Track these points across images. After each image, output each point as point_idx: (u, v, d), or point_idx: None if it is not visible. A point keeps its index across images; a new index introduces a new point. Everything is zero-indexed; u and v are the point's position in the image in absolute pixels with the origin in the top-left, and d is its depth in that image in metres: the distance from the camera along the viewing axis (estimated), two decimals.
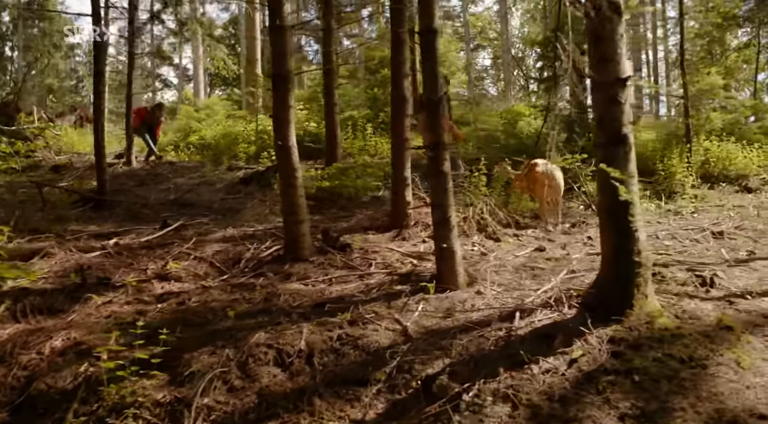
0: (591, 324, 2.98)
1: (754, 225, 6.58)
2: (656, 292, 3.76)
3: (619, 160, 3.15)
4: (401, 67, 6.05)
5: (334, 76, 9.28)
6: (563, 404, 2.53)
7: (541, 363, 2.77)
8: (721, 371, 2.72)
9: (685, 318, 3.15)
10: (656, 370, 2.70)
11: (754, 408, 2.46)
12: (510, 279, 3.99)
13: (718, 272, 4.33)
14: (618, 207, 3.11)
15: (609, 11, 3.21)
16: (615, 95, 3.17)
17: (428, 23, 3.81)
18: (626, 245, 3.10)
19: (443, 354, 2.89)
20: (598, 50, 3.23)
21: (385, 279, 4.01)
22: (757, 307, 3.51)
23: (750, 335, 3.07)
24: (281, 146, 4.45)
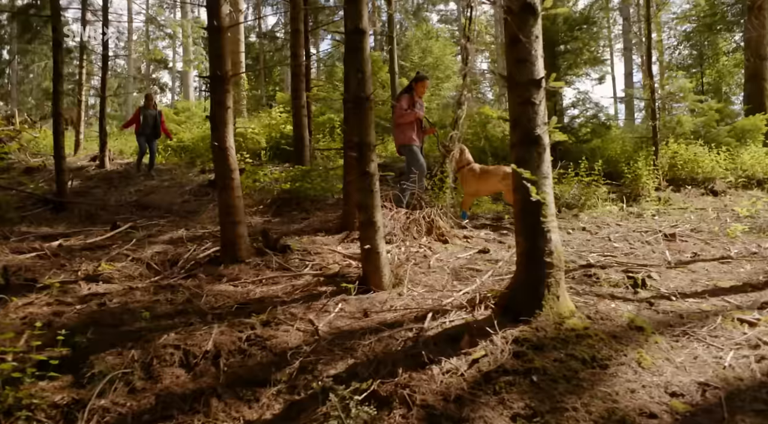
0: (498, 325, 2.97)
1: (710, 228, 6.59)
2: (585, 293, 3.79)
3: (533, 160, 3.15)
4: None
5: (302, 78, 9.26)
6: (458, 405, 2.52)
7: (443, 364, 2.76)
8: (621, 371, 2.72)
9: (598, 319, 3.15)
10: (556, 370, 2.69)
11: (644, 407, 2.46)
12: (439, 280, 3.98)
13: (653, 273, 4.34)
14: (530, 208, 3.11)
15: (525, 12, 3.21)
16: (529, 96, 3.17)
17: (356, 23, 3.80)
18: (538, 246, 3.09)
19: (348, 355, 2.87)
20: (514, 51, 3.24)
21: (312, 280, 4.00)
22: (677, 308, 3.52)
23: (659, 336, 3.08)
24: (218, 147, 4.43)
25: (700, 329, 3.16)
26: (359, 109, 3.74)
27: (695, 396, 2.55)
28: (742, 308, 3.52)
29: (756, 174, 9.29)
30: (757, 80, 13.61)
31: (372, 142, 3.73)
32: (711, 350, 2.95)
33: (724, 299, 3.75)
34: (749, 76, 13.92)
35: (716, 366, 2.78)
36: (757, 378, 2.68)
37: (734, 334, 3.11)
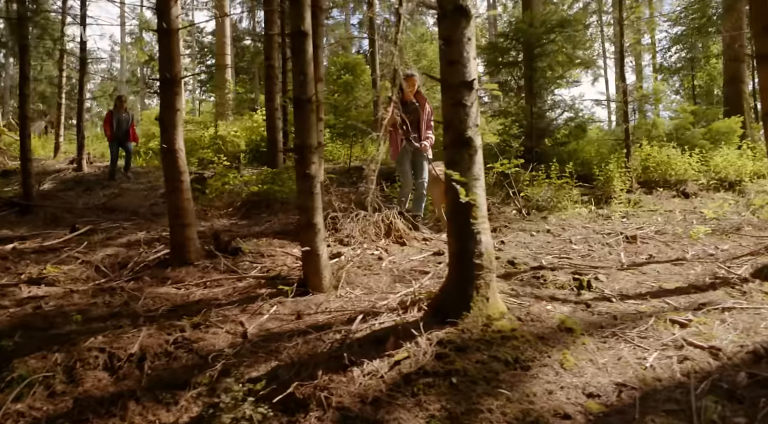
0: (425, 327, 2.97)
1: (675, 230, 6.62)
2: (525, 294, 3.79)
3: (464, 162, 3.15)
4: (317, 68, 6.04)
5: (275, 81, 9.25)
6: (375, 407, 2.51)
7: (364, 366, 2.76)
8: (542, 373, 2.72)
9: (528, 320, 3.15)
10: (476, 372, 2.69)
11: (560, 408, 2.46)
12: (381, 283, 3.98)
13: (600, 275, 4.35)
14: (460, 209, 3.11)
15: (457, 15, 3.22)
16: (461, 98, 3.18)
17: (299, 25, 3.81)
18: (467, 248, 3.10)
19: (273, 357, 2.87)
20: (446, 53, 3.24)
21: (253, 283, 3.99)
22: (614, 309, 3.53)
23: (588, 337, 3.08)
24: (167, 150, 4.42)
25: (631, 331, 3.17)
26: (300, 111, 3.74)
27: (611, 397, 2.55)
28: (679, 310, 3.53)
29: (728, 176, 9.33)
30: (735, 82, 13.71)
31: (313, 144, 3.72)
32: (637, 351, 2.95)
33: (665, 300, 3.76)
34: (728, 78, 14.02)
35: (637, 367, 2.78)
36: (676, 378, 2.68)
37: (664, 335, 3.12)
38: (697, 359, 2.84)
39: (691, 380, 2.66)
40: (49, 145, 17.13)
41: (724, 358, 2.86)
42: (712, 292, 3.96)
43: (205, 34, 30.29)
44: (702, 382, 2.63)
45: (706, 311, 3.47)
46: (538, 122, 11.23)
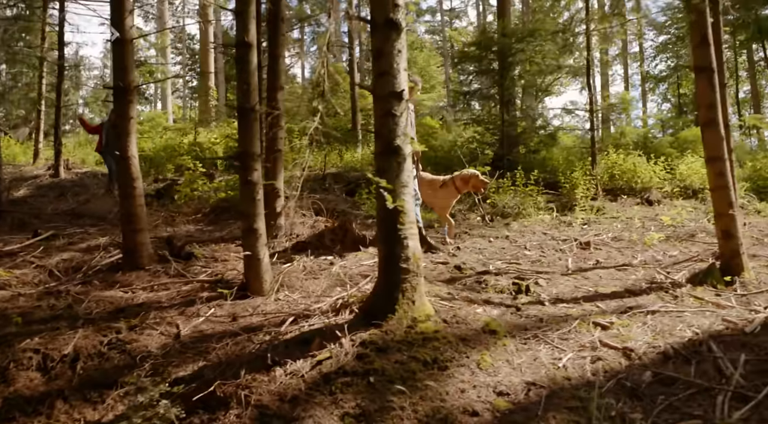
0: (351, 328, 3.08)
1: (630, 236, 6.78)
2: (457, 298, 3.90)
3: (392, 170, 3.27)
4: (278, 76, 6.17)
5: None
6: (293, 405, 2.61)
7: (288, 366, 2.86)
8: (459, 372, 2.83)
9: (453, 323, 3.26)
10: (394, 371, 2.79)
11: (469, 406, 2.57)
12: (322, 286, 4.08)
13: (541, 280, 4.48)
14: (388, 215, 3.22)
15: (387, 28, 3.35)
16: (390, 108, 3.30)
17: (242, 37, 3.92)
18: (394, 252, 3.21)
19: (201, 358, 2.96)
20: (377, 65, 3.36)
21: (197, 286, 4.08)
22: (543, 312, 3.65)
23: (510, 339, 3.20)
24: (120, 157, 4.52)
25: (553, 333, 3.29)
26: (244, 120, 3.85)
27: (520, 395, 2.66)
28: (606, 313, 3.66)
29: (692, 184, 9.53)
30: None
31: (255, 152, 3.83)
32: (554, 352, 3.07)
33: (596, 304, 3.89)
34: None
35: (551, 367, 2.90)
36: (586, 378, 2.80)
37: (583, 337, 3.24)
38: (610, 359, 2.97)
39: (599, 379, 2.78)
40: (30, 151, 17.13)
41: (635, 358, 2.99)
42: (645, 296, 4.10)
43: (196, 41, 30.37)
44: (609, 381, 2.75)
45: (632, 314, 3.60)
46: (510, 130, 11.41)
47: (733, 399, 2.56)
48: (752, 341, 3.06)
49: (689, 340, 3.13)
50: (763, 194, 8.96)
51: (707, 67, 4.70)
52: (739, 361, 2.84)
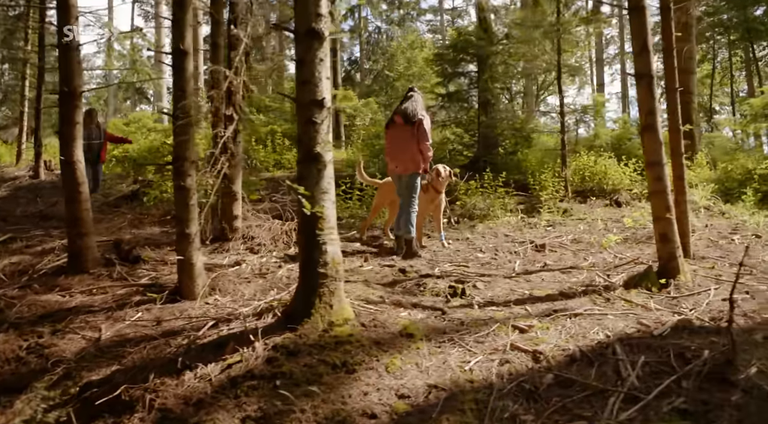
0: (266, 332, 3.15)
1: (589, 238, 6.84)
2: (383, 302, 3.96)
3: (312, 176, 3.34)
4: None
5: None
6: (197, 408, 2.67)
7: (198, 370, 2.92)
8: (366, 375, 2.90)
9: (371, 326, 3.33)
10: (301, 374, 2.86)
11: (368, 408, 2.63)
12: (258, 290, 4.15)
13: (480, 283, 4.54)
14: (307, 221, 3.29)
15: (309, 37, 3.41)
16: (311, 116, 3.36)
17: (177, 44, 3.98)
18: (313, 257, 3.28)
19: (116, 362, 3.02)
20: (300, 73, 3.43)
21: (132, 290, 4.15)
22: (469, 316, 3.71)
23: (426, 342, 3.26)
24: (65, 162, 4.58)
25: (471, 336, 3.35)
26: (178, 126, 3.91)
27: (420, 397, 2.73)
28: (531, 316, 3.73)
29: None
30: (684, 94, 13.97)
31: (190, 157, 3.90)
32: (466, 355, 3.13)
33: (525, 307, 3.95)
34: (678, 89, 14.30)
35: (458, 370, 2.96)
36: (489, 380, 2.87)
37: (500, 340, 3.30)
38: (517, 362, 3.03)
39: (503, 381, 2.85)
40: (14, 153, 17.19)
41: (543, 361, 3.06)
42: (578, 299, 4.16)
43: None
44: (511, 383, 2.82)
45: (555, 317, 3.67)
46: (488, 132, 11.48)
47: (624, 400, 2.62)
48: (657, 344, 3.12)
49: (598, 343, 3.20)
50: (730, 196, 9.03)
51: (647, 73, 4.77)
52: (637, 363, 2.91)
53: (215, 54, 6.39)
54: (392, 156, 6.16)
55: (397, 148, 6.06)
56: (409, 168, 5.96)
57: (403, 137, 5.98)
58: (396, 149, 6.08)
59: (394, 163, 6.12)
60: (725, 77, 24.43)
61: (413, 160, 5.93)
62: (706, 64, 23.63)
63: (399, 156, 6.03)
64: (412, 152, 5.92)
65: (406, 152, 5.96)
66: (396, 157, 6.07)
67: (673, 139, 5.85)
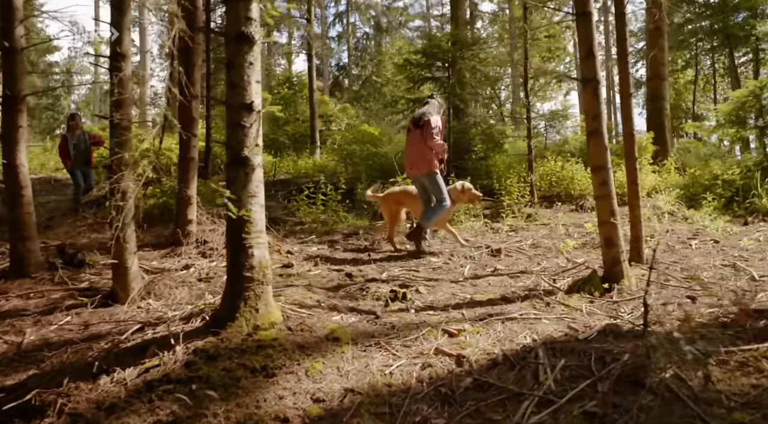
0: (188, 336, 3.13)
1: (548, 243, 6.88)
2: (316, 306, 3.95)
3: (240, 180, 3.33)
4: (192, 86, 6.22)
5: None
6: (108, 412, 2.64)
7: (115, 374, 2.89)
8: (284, 379, 2.88)
9: (298, 330, 3.32)
10: (219, 379, 2.84)
11: (281, 412, 2.62)
12: (193, 294, 4.13)
13: (422, 287, 4.55)
14: (234, 225, 3.28)
15: (239, 41, 3.41)
16: (240, 119, 3.36)
17: (115, 48, 3.97)
18: (239, 261, 3.26)
19: (34, 366, 2.99)
20: (229, 76, 3.42)
21: (67, 294, 4.11)
22: (403, 320, 3.71)
23: (352, 346, 3.25)
24: (8, 165, 4.54)
25: (399, 340, 3.35)
26: (115, 130, 3.89)
27: (335, 401, 2.72)
28: (466, 320, 3.73)
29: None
30: (657, 100, 14.17)
31: (124, 161, 3.87)
32: (390, 359, 3.12)
33: (462, 311, 3.96)
34: (650, 95, 14.48)
35: (378, 374, 2.96)
36: (408, 384, 2.86)
37: (426, 344, 3.30)
38: (440, 366, 3.03)
39: (423, 385, 2.85)
40: None
41: (466, 365, 3.06)
42: (518, 303, 4.17)
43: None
44: (429, 386, 2.82)
45: (488, 321, 3.67)
46: (460, 137, 11.53)
47: (538, 404, 2.63)
48: (581, 348, 3.14)
49: (523, 347, 3.20)
50: (695, 201, 9.11)
51: (593, 78, 4.81)
52: (557, 367, 2.92)
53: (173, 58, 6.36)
54: (407, 160, 6.48)
55: (409, 152, 6.38)
56: (422, 168, 6.25)
57: (414, 141, 6.29)
58: (409, 153, 6.40)
59: (408, 166, 6.44)
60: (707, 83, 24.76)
61: (425, 160, 6.21)
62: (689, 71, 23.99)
63: (412, 159, 6.35)
64: (423, 153, 6.21)
65: (417, 154, 6.25)
66: (409, 161, 6.40)
67: (627, 145, 5.90)
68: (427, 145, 6.17)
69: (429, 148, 6.18)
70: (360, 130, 12.16)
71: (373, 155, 11.13)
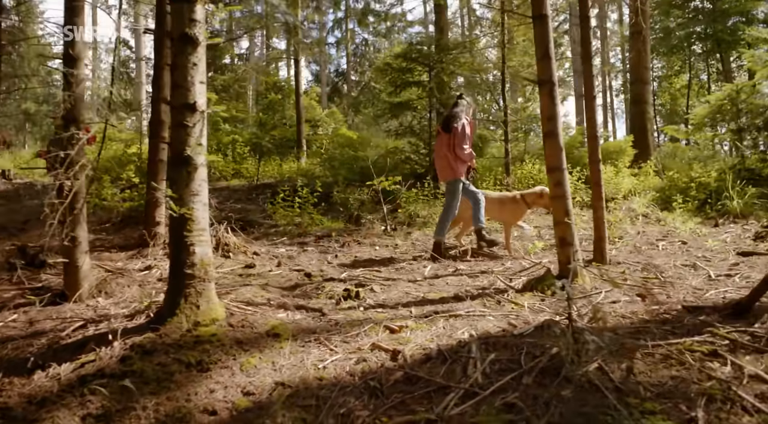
0: (127, 332, 3.18)
1: (515, 244, 6.93)
2: (263, 304, 4.00)
3: (182, 179, 3.38)
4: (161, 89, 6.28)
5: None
6: (39, 406, 2.68)
7: (51, 369, 2.94)
8: (218, 374, 2.93)
9: (239, 327, 3.36)
10: (153, 373, 2.88)
11: (210, 405, 2.66)
12: (145, 293, 4.17)
13: (376, 286, 4.60)
14: (176, 223, 3.33)
15: (182, 42, 3.47)
16: (183, 119, 3.41)
17: (68, 50, 4.02)
18: (180, 259, 3.31)
19: None
20: (173, 77, 3.48)
21: (18, 293, 4.16)
22: (349, 317, 3.76)
23: (292, 342, 3.30)
24: None
25: (339, 336, 3.40)
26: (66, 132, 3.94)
27: (264, 394, 2.76)
28: (411, 317, 3.78)
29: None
30: (639, 103, 14.26)
31: (77, 161, 3.92)
32: (325, 354, 3.17)
33: (411, 309, 4.01)
34: (632, 99, 14.58)
35: (312, 368, 3.00)
36: (340, 377, 2.91)
37: (365, 340, 3.35)
38: (374, 360, 3.08)
39: (353, 379, 2.89)
40: None
41: (400, 359, 3.10)
42: (469, 301, 4.23)
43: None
44: (360, 380, 2.86)
45: (433, 318, 3.72)
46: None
47: (463, 396, 2.67)
48: (514, 342, 3.19)
49: (459, 342, 3.25)
50: (670, 204, 9.18)
51: (548, 80, 4.88)
52: (486, 360, 2.97)
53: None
54: (435, 164, 6.50)
55: (436, 157, 6.41)
56: (446, 175, 6.30)
57: (442, 145, 6.30)
58: (436, 157, 6.43)
59: (437, 171, 6.46)
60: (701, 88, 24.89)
61: (450, 167, 6.24)
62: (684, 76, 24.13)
63: (439, 164, 6.39)
64: (448, 160, 6.24)
65: (442, 160, 6.29)
66: (437, 165, 6.43)
67: (590, 146, 5.95)
68: (454, 153, 6.17)
69: (455, 155, 6.18)
70: (339, 134, 12.24)
71: (352, 159, 11.21)
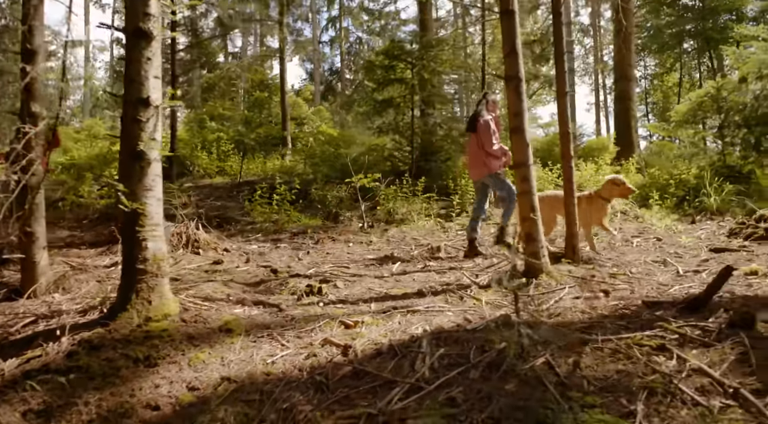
0: (76, 327, 3.16)
1: (491, 241, 6.93)
2: (223, 299, 3.98)
3: (135, 174, 3.37)
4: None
5: None
6: None
7: None
8: (166, 369, 2.92)
9: (191, 322, 3.35)
10: (98, 368, 2.86)
11: (154, 400, 2.64)
12: (103, 290, 4.14)
13: (340, 282, 4.59)
14: (129, 218, 3.31)
15: (137, 36, 3.45)
16: (136, 114, 3.40)
17: (26, 46, 3.99)
18: (132, 254, 3.30)
19: None
20: (127, 71, 3.46)
21: None
22: (307, 313, 3.75)
23: (244, 337, 3.29)
24: None
25: (293, 331, 3.39)
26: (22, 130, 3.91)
27: (209, 389, 2.75)
28: (370, 313, 3.78)
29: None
30: (624, 101, 14.31)
31: (34, 158, 3.90)
32: (276, 349, 3.16)
33: (371, 304, 4.01)
34: (617, 96, 14.63)
35: (260, 363, 2.99)
36: (288, 372, 2.90)
37: (319, 335, 3.34)
38: (324, 355, 3.07)
39: (301, 374, 2.89)
40: None
41: (351, 355, 3.10)
42: (430, 297, 4.22)
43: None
44: (308, 375, 2.85)
45: (390, 314, 3.72)
46: (427, 138, 11.60)
47: (408, 391, 2.67)
48: (466, 337, 3.18)
49: (411, 337, 3.25)
50: (647, 201, 9.21)
51: (515, 76, 4.88)
52: (435, 355, 2.97)
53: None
54: (468, 166, 6.51)
55: (469, 156, 6.41)
56: (481, 173, 6.30)
57: (472, 145, 6.30)
58: (469, 157, 6.42)
59: (471, 170, 6.46)
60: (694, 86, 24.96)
61: (484, 165, 6.22)
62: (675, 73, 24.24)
63: (471, 163, 6.38)
64: (480, 158, 6.23)
65: (475, 159, 6.30)
66: (469, 166, 6.44)
67: (563, 143, 5.95)
68: (485, 151, 6.15)
69: (486, 153, 6.15)
70: (320, 131, 12.24)
71: (333, 156, 11.20)
